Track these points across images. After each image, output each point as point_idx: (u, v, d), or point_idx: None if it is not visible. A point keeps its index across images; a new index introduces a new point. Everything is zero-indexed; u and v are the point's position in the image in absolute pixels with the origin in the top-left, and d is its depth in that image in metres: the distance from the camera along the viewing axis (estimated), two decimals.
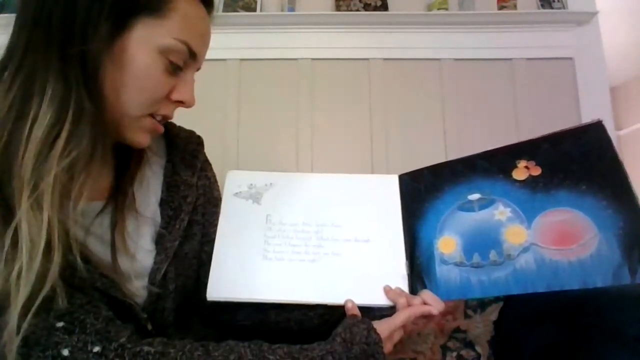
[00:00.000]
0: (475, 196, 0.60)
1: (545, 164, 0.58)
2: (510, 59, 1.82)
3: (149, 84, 0.48)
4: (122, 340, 0.44)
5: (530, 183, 0.57)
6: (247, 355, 0.48)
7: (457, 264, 0.58)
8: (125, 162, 0.57)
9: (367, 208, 0.66)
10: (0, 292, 0.39)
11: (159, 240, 0.58)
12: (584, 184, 0.54)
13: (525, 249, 0.54)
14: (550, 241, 0.53)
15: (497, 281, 0.54)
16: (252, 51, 1.82)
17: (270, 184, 0.68)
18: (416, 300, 0.57)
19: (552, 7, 1.83)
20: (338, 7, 1.83)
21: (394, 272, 0.60)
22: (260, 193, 0.68)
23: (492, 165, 0.61)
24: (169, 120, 0.58)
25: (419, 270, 0.61)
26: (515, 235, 0.55)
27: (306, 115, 1.78)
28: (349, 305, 0.57)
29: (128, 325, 0.47)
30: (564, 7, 1.84)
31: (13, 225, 0.39)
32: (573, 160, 0.56)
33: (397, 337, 0.55)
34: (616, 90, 3.48)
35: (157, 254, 0.57)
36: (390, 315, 0.56)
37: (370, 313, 0.57)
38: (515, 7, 1.82)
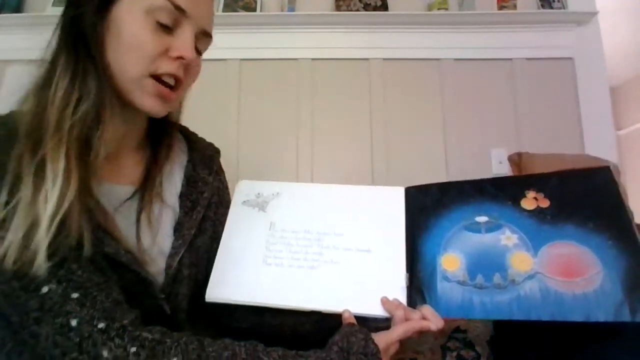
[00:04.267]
0: (482, 218, 0.61)
1: (553, 197, 0.59)
2: (510, 59, 1.82)
3: (138, 43, 0.52)
4: (125, 322, 0.47)
5: (538, 214, 0.59)
6: (241, 354, 0.48)
7: (460, 283, 0.58)
8: (156, 156, 0.65)
9: (371, 218, 0.66)
10: (30, 210, 0.45)
11: (178, 228, 0.63)
12: (591, 222, 0.56)
13: (530, 277, 0.55)
14: (555, 272, 0.54)
15: (499, 305, 0.54)
16: (252, 51, 1.82)
17: (277, 193, 0.71)
18: (415, 314, 0.56)
19: (552, 7, 1.83)
20: (338, 7, 1.83)
21: (393, 284, 0.60)
22: (266, 202, 0.70)
23: (501, 192, 0.63)
24: (189, 132, 0.72)
25: (420, 284, 0.60)
26: (521, 261, 0.56)
27: (306, 115, 1.78)
28: (346, 314, 0.57)
29: (134, 310, 0.50)
30: (564, 7, 1.84)
31: (39, 156, 0.47)
32: (581, 198, 0.58)
33: (392, 350, 0.55)
34: (616, 90, 3.48)
35: (175, 239, 0.62)
36: (385, 326, 0.56)
37: (365, 323, 0.56)
38: (515, 7, 1.82)
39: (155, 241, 0.60)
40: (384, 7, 1.83)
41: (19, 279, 0.45)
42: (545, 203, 0.59)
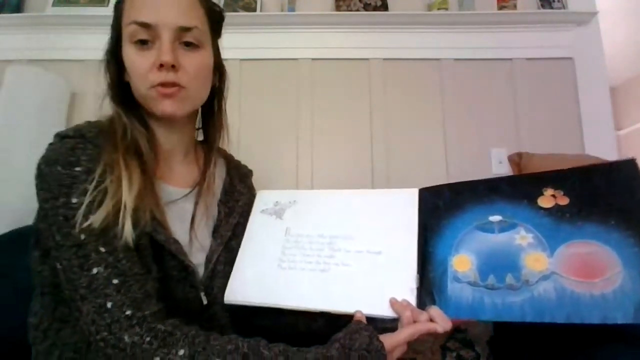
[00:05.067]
0: (496, 218, 0.60)
1: (573, 194, 0.57)
2: (510, 59, 1.81)
3: (133, 66, 0.61)
4: (147, 313, 0.52)
5: (556, 212, 0.57)
6: (244, 348, 0.52)
7: (470, 283, 0.56)
8: (204, 167, 0.75)
9: (383, 221, 0.67)
10: (116, 192, 0.55)
11: (216, 229, 0.72)
12: (612, 219, 0.53)
13: (545, 277, 0.52)
14: (572, 272, 0.51)
15: (511, 306, 0.52)
16: (252, 51, 1.82)
17: (294, 201, 0.75)
18: (422, 316, 0.56)
19: (552, 7, 1.83)
20: (338, 7, 1.83)
21: (403, 285, 0.60)
22: (283, 209, 0.74)
23: (517, 190, 0.60)
24: (228, 153, 0.84)
25: (430, 285, 0.59)
26: (535, 261, 0.54)
27: (306, 115, 1.78)
28: (358, 314, 0.59)
29: (160, 303, 0.56)
30: (564, 7, 1.84)
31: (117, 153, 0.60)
32: (602, 194, 0.55)
33: (398, 353, 0.56)
34: (616, 90, 3.48)
35: (214, 239, 0.71)
36: (392, 327, 0.57)
37: (373, 323, 0.58)
38: (515, 7, 1.82)
39: (198, 239, 0.67)
40: (384, 7, 1.83)
41: (78, 257, 0.53)
42: (564, 200, 0.57)
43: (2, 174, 1.39)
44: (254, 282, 0.66)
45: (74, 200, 0.54)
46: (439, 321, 0.55)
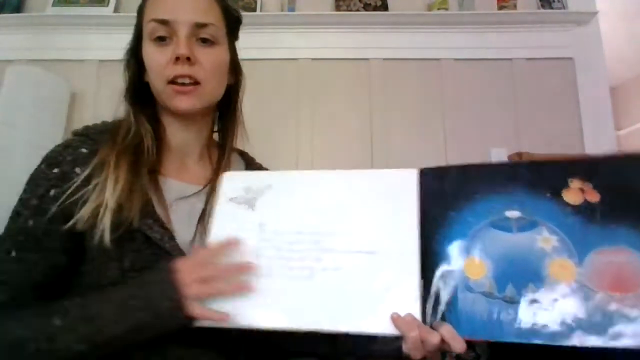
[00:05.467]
0: (514, 213, 0.49)
1: (604, 189, 0.47)
2: (510, 59, 1.81)
3: (151, 61, 0.63)
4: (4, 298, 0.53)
5: (585, 210, 0.47)
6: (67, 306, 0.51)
7: (485, 294, 0.47)
8: (219, 165, 0.74)
9: (376, 210, 0.55)
10: (100, 193, 0.56)
11: None
12: None
13: (574, 290, 0.44)
14: (604, 285, 0.44)
15: (534, 325, 0.44)
16: (252, 51, 1.82)
17: (269, 185, 0.59)
18: (433, 337, 0.47)
19: (552, 7, 1.83)
20: (338, 7, 1.83)
21: (404, 293, 0.49)
22: (255, 197, 0.58)
23: (538, 179, 0.50)
24: (246, 153, 0.83)
25: (437, 294, 0.49)
26: (562, 270, 0.45)
27: (306, 115, 1.78)
28: None
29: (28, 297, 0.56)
30: (563, 7, 1.84)
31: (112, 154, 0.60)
32: (637, 191, 0.47)
33: None
34: (616, 90, 3.48)
35: None
36: (395, 346, 0.51)
37: (373, 342, 0.53)
38: (515, 7, 1.82)
39: (203, 238, 0.64)
40: (384, 7, 1.83)
41: None
42: (594, 197, 0.47)
43: (2, 173, 1.39)
44: (219, 299, 0.52)
45: (33, 199, 0.56)
46: (452, 343, 0.46)
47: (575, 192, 0.49)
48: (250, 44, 1.81)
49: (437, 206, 0.53)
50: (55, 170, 0.58)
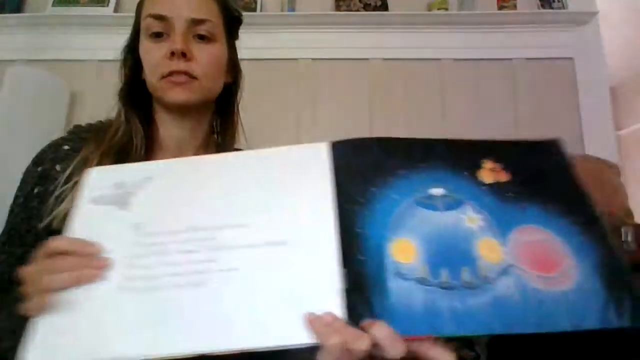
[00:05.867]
0: (438, 191, 0.45)
1: (512, 170, 0.48)
2: (510, 59, 1.81)
3: (146, 56, 0.63)
4: None
5: (498, 190, 0.46)
6: None
7: (419, 281, 0.40)
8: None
9: (282, 194, 0.45)
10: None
11: None
12: (551, 203, 0.46)
13: (504, 271, 0.41)
14: (530, 264, 0.42)
15: (475, 313, 0.39)
16: (252, 51, 1.82)
17: (148, 178, 0.48)
18: (362, 342, 0.35)
19: (552, 7, 1.83)
20: (338, 7, 1.83)
21: (323, 288, 0.39)
22: (130, 193, 0.47)
23: (456, 157, 0.49)
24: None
25: (363, 284, 0.40)
26: (490, 250, 0.42)
27: (306, 116, 1.78)
28: None
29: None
30: (564, 7, 1.84)
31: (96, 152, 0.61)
32: (539, 174, 0.49)
33: None
34: (616, 90, 3.48)
35: None
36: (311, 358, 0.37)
37: (285, 357, 0.40)
38: (515, 7, 1.82)
39: None
40: (384, 7, 1.83)
41: None
42: (504, 176, 0.47)
43: (1, 174, 1.39)
44: (71, 327, 0.39)
45: (21, 197, 0.59)
46: (388, 345, 0.35)
47: (487, 172, 0.48)
48: (250, 44, 1.81)
49: (356, 182, 0.45)
50: (39, 169, 0.60)
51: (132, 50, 0.67)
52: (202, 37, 0.63)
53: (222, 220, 0.44)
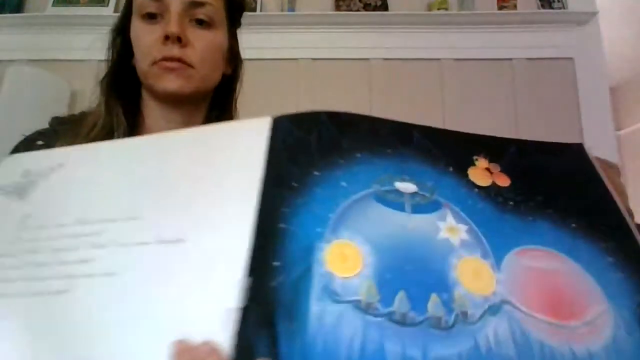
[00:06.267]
0: (408, 187, 0.33)
1: (514, 174, 0.36)
2: (510, 59, 1.81)
3: (137, 40, 0.57)
4: None
5: (496, 195, 0.34)
6: None
7: (358, 306, 0.26)
8: None
9: (201, 181, 0.36)
10: None
11: None
12: (572, 220, 0.33)
13: (494, 308, 0.27)
14: (534, 304, 0.28)
15: None
16: (252, 51, 1.81)
17: (60, 164, 0.41)
18: None
19: (552, 7, 1.83)
20: (338, 7, 1.83)
21: (211, 305, 0.28)
22: (32, 182, 0.40)
23: (440, 149, 0.37)
24: None
25: (270, 303, 0.26)
26: (475, 276, 0.29)
27: None
28: None
29: None
30: (564, 7, 1.84)
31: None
32: (553, 181, 0.36)
33: None
34: (616, 90, 3.48)
35: None
36: None
37: None
38: (515, 7, 1.82)
39: None
40: (384, 7, 1.83)
41: None
42: (503, 180, 0.35)
43: None
44: None
45: None
46: None
47: (481, 172, 0.35)
48: (250, 44, 1.81)
49: (293, 163, 0.33)
50: None
51: (121, 32, 0.61)
52: (200, 22, 0.57)
53: (116, 212, 0.35)
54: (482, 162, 0.37)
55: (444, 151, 0.37)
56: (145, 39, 0.56)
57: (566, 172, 0.38)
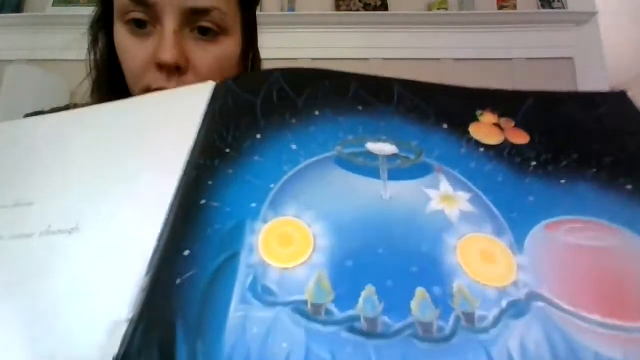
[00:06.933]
0: (384, 148, 0.24)
1: (536, 129, 0.26)
2: (510, 59, 1.81)
3: (124, 52, 0.43)
4: None
5: (511, 155, 0.25)
6: None
7: (303, 310, 0.17)
8: None
9: (123, 156, 0.29)
10: None
11: None
12: (626, 181, 0.23)
13: (519, 308, 0.17)
14: (579, 297, 0.18)
15: None
16: None
17: (15, 140, 0.36)
18: None
19: (552, 7, 1.83)
20: (338, 7, 1.83)
21: (94, 318, 0.19)
22: None
23: (429, 106, 0.29)
24: None
25: (173, 307, 0.17)
26: (487, 261, 0.19)
27: None
28: None
29: None
30: (564, 7, 1.84)
31: None
32: (587, 133, 0.27)
33: None
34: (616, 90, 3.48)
35: None
36: None
37: None
38: (515, 7, 1.82)
39: None
40: (384, 7, 1.83)
41: None
42: (519, 137, 0.26)
43: None
44: None
45: None
46: None
47: (488, 128, 0.26)
48: None
49: (233, 129, 0.26)
50: None
51: (103, 27, 0.48)
52: (204, 31, 0.42)
53: (17, 195, 0.28)
54: (488, 117, 0.27)
55: (436, 107, 0.28)
56: (134, 58, 0.42)
57: (609, 123, 0.28)
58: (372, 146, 0.24)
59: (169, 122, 0.30)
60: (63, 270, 0.22)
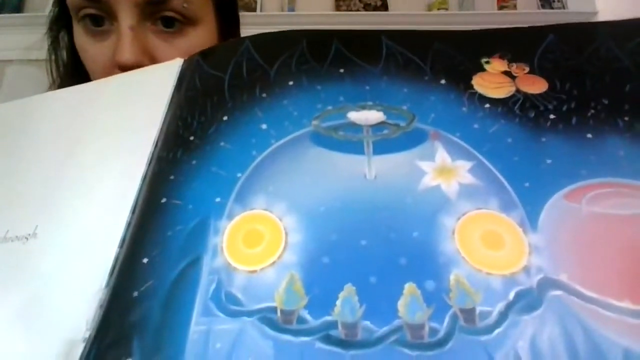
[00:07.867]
0: (369, 116, 0.20)
1: (555, 74, 0.21)
2: None
3: (84, 56, 0.40)
4: None
5: (522, 109, 0.20)
6: None
7: (271, 319, 0.15)
8: None
9: (76, 152, 0.25)
10: None
11: None
12: None
13: (530, 300, 0.14)
14: (610, 280, 0.14)
15: None
16: None
17: None
18: None
19: (552, 7, 1.83)
20: (338, 7, 1.83)
21: (46, 336, 0.17)
22: None
23: (425, 58, 0.23)
24: None
25: (130, 322, 0.15)
26: (491, 243, 0.15)
27: None
28: None
29: None
30: (563, 7, 1.84)
31: None
32: (631, 74, 0.21)
33: None
34: None
35: None
36: None
37: None
38: (515, 7, 1.82)
39: None
40: (384, 7, 1.83)
41: None
42: (534, 85, 0.21)
43: None
44: None
45: None
46: None
47: (496, 78, 0.22)
48: None
49: (198, 113, 0.23)
50: None
51: (64, 26, 0.45)
52: (169, 23, 0.37)
53: None
54: (496, 64, 0.22)
55: (432, 60, 0.23)
56: (94, 59, 0.39)
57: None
58: (355, 115, 0.20)
59: (131, 110, 0.26)
60: (20, 282, 0.20)
